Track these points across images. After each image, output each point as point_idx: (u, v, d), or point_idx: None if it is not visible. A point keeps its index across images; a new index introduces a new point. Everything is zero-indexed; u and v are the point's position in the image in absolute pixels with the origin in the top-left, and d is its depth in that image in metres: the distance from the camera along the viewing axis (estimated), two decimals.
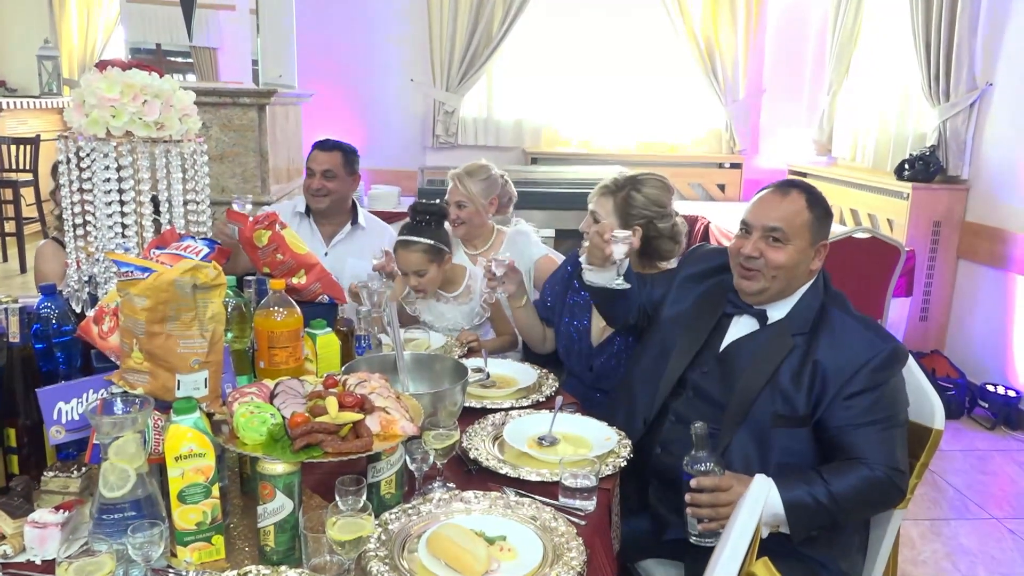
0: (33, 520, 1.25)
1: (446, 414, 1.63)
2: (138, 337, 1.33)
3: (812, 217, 1.79)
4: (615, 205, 2.26)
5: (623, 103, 6.15)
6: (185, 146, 1.71)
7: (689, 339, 1.92)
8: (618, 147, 6.19)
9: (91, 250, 1.66)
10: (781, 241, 1.78)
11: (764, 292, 1.83)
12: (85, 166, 1.63)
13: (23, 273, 6.03)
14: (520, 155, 6.13)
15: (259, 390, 1.42)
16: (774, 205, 1.81)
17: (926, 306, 4.64)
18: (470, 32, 5.75)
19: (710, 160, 6.25)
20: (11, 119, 7.10)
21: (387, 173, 5.83)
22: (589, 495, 1.51)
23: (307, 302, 2.01)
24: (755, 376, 1.76)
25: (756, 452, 1.74)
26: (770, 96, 6.17)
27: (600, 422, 1.85)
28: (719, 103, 6.08)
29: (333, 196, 3.01)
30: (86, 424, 1.39)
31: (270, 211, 2.02)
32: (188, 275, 1.32)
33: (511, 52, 5.95)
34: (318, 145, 3.07)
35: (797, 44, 6.11)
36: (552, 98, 6.10)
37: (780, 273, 1.79)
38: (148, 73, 1.67)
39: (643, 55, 6.08)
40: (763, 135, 6.26)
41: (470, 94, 5.96)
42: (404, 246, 2.51)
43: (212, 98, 3.47)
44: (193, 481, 1.24)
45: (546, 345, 2.48)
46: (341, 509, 1.25)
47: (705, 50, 5.97)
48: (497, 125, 6.09)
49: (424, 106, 5.95)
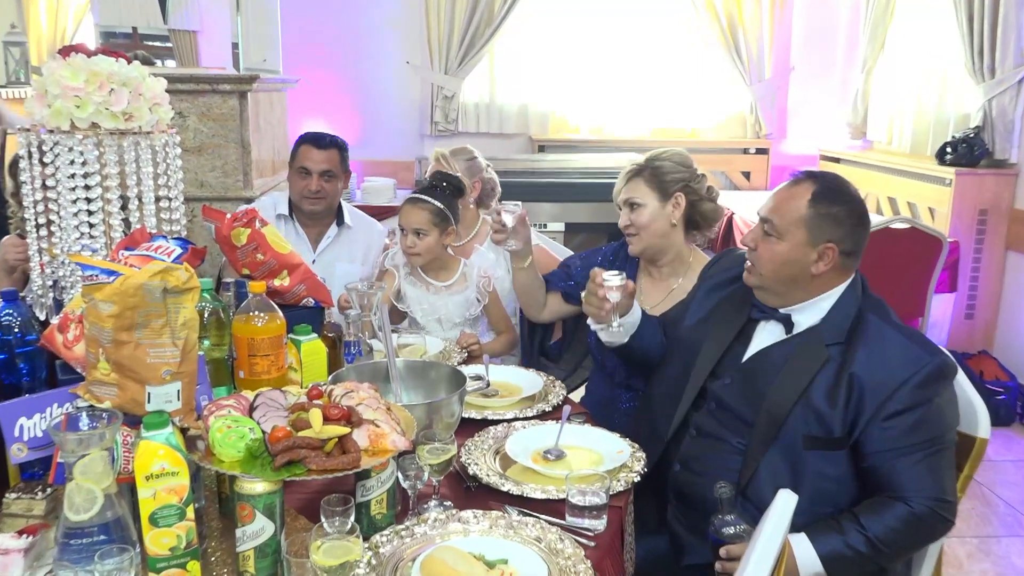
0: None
1: (442, 426, 1.63)
2: (104, 346, 1.33)
3: (811, 213, 1.76)
4: (646, 181, 2.31)
5: (637, 86, 6.14)
6: (156, 138, 1.71)
7: (711, 346, 1.91)
8: (632, 134, 6.18)
9: (55, 252, 1.67)
10: (772, 235, 1.78)
11: (764, 291, 1.83)
12: (48, 161, 1.64)
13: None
14: (526, 143, 6.13)
15: (237, 402, 1.42)
16: (779, 195, 1.82)
17: (972, 303, 4.61)
18: (470, 10, 5.75)
19: (734, 146, 6.24)
20: None
21: (382, 164, 5.84)
22: (599, 514, 1.51)
23: (291, 306, 2.01)
24: (785, 391, 1.74)
25: (787, 477, 1.72)
26: (799, 75, 6.15)
27: (611, 433, 1.85)
28: (743, 83, 6.07)
29: (330, 199, 2.97)
30: (50, 441, 1.39)
31: (250, 207, 2.03)
32: (158, 278, 1.32)
33: (515, 31, 5.94)
34: (312, 141, 2.96)
35: (828, 18, 6.09)
36: (560, 81, 6.10)
37: (767, 270, 1.79)
38: (115, 59, 1.68)
39: (659, 33, 6.07)
40: (791, 118, 6.24)
41: (471, 77, 5.97)
42: (412, 202, 2.59)
43: (189, 85, 3.48)
44: (166, 502, 1.24)
45: (544, 314, 2.51)
46: (327, 531, 1.25)
47: (727, 26, 5.95)
48: (501, 111, 6.09)
49: (421, 91, 5.95)
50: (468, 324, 2.65)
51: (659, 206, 2.30)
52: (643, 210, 2.30)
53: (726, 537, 1.60)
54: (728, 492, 1.62)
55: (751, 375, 1.83)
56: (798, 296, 1.80)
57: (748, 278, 1.84)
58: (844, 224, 1.77)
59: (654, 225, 2.30)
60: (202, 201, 3.20)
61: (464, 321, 2.64)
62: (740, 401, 1.83)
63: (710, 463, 1.82)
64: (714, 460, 1.82)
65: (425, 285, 2.64)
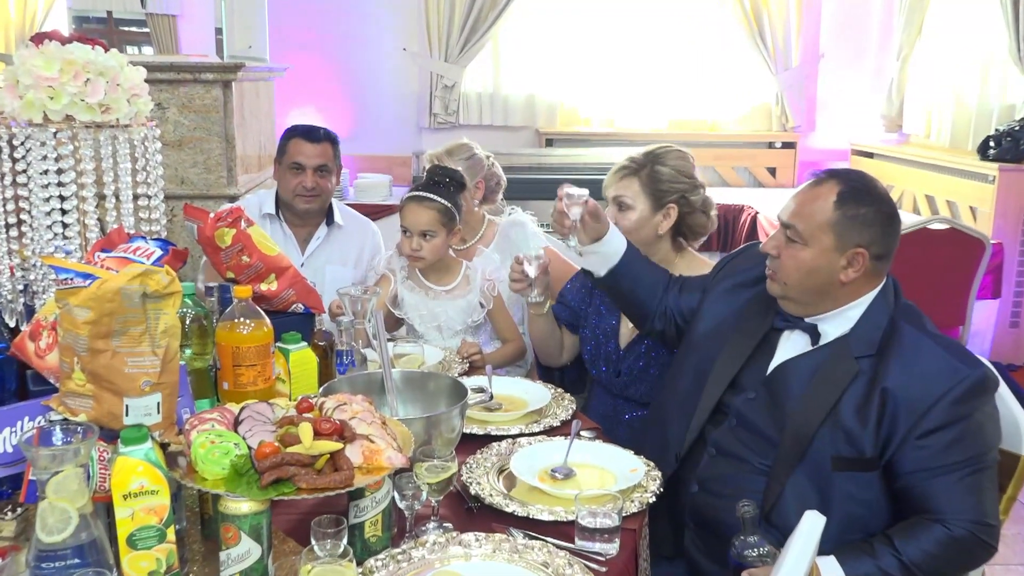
0: None
1: (442, 442, 1.64)
2: (79, 355, 1.35)
3: (839, 216, 1.75)
4: (642, 185, 2.31)
5: (653, 75, 6.16)
6: (135, 131, 1.73)
7: (730, 355, 1.91)
8: (647, 126, 6.20)
9: (26, 254, 1.69)
10: (796, 241, 1.78)
11: (788, 300, 1.83)
12: (19, 156, 1.65)
13: None
14: (532, 136, 6.16)
15: (222, 416, 1.43)
16: (800, 197, 1.81)
17: (1017, 310, 4.62)
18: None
19: (758, 139, 6.25)
20: None
21: (376, 160, 5.87)
22: (611, 537, 1.52)
23: (278, 312, 2.03)
24: (812, 409, 1.75)
25: (815, 500, 1.72)
26: (829, 63, 6.16)
27: (625, 451, 1.86)
28: (768, 72, 6.08)
29: (325, 196, 2.97)
30: (21, 457, 1.41)
31: (235, 206, 2.04)
32: (136, 282, 1.34)
33: (521, 16, 5.97)
34: (303, 135, 2.94)
35: (860, 1, 6.10)
36: (569, 70, 6.12)
37: (792, 279, 1.79)
38: (91, 47, 1.70)
39: (677, 17, 6.09)
40: (821, 109, 6.25)
41: (473, 65, 5.99)
42: (418, 201, 2.56)
43: (169, 75, 3.50)
44: (145, 523, 1.25)
45: (563, 355, 2.50)
46: (318, 555, 1.26)
47: (751, 10, 5.97)
48: (505, 102, 6.12)
49: (419, 80, 5.98)
50: (470, 332, 2.66)
51: (649, 214, 2.31)
52: (631, 213, 2.30)
53: (748, 560, 1.60)
54: (751, 511, 1.62)
55: (774, 390, 1.83)
56: (826, 305, 1.81)
57: (771, 287, 1.85)
58: (873, 226, 1.77)
59: (639, 232, 2.30)
60: (183, 199, 3.22)
61: (466, 328, 2.65)
62: (763, 418, 1.83)
63: (731, 485, 1.82)
64: (736, 481, 1.82)
65: (424, 290, 2.65)
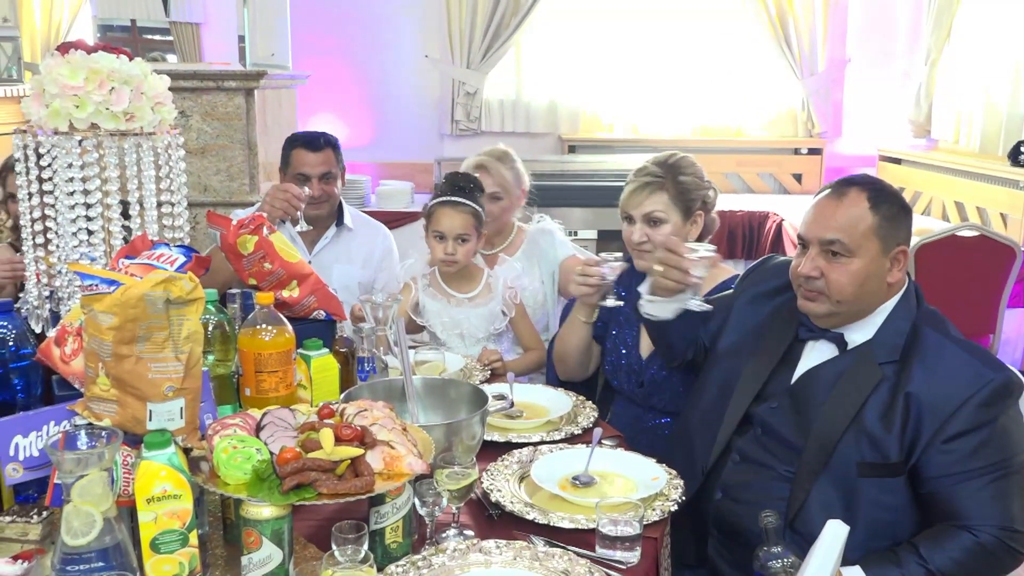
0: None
1: (463, 449, 1.65)
2: (104, 360, 1.37)
3: (879, 219, 1.76)
4: (670, 197, 2.30)
5: (677, 80, 6.15)
6: (158, 139, 1.76)
7: (755, 368, 1.91)
8: (671, 133, 6.18)
9: (52, 260, 1.72)
10: (843, 254, 1.76)
11: (833, 316, 1.81)
12: (45, 164, 1.68)
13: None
14: (555, 143, 6.16)
15: (244, 421, 1.45)
16: (829, 212, 1.78)
17: None
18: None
19: (784, 145, 6.22)
20: None
21: (398, 167, 5.90)
22: (632, 545, 1.52)
23: (300, 319, 2.05)
24: (835, 415, 1.75)
25: (840, 507, 1.72)
26: (856, 67, 6.12)
27: (647, 459, 1.86)
28: (794, 77, 6.06)
29: (332, 201, 3.02)
30: (47, 461, 1.44)
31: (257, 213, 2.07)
32: (160, 288, 1.36)
33: (544, 22, 5.98)
34: (305, 144, 2.97)
35: (887, 4, 6.07)
36: (592, 76, 6.12)
37: (847, 295, 1.77)
38: (116, 56, 1.73)
39: (701, 22, 6.08)
40: (847, 114, 6.21)
41: (495, 72, 6.01)
42: (452, 205, 2.57)
43: (192, 82, 3.55)
44: (168, 527, 1.27)
45: (590, 368, 2.50)
46: (339, 560, 1.28)
47: (776, 14, 5.95)
48: (527, 108, 6.13)
49: (441, 87, 6.00)
50: (493, 340, 2.67)
51: (681, 224, 2.30)
52: (664, 227, 2.28)
53: (772, 571, 1.60)
54: (775, 522, 1.62)
55: (799, 398, 1.83)
56: (868, 311, 1.81)
57: (813, 307, 1.81)
58: (904, 222, 1.80)
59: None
60: (205, 206, 3.26)
61: (488, 336, 2.66)
62: (788, 426, 1.83)
63: (755, 492, 1.83)
64: (760, 489, 1.83)
65: (446, 297, 2.67)
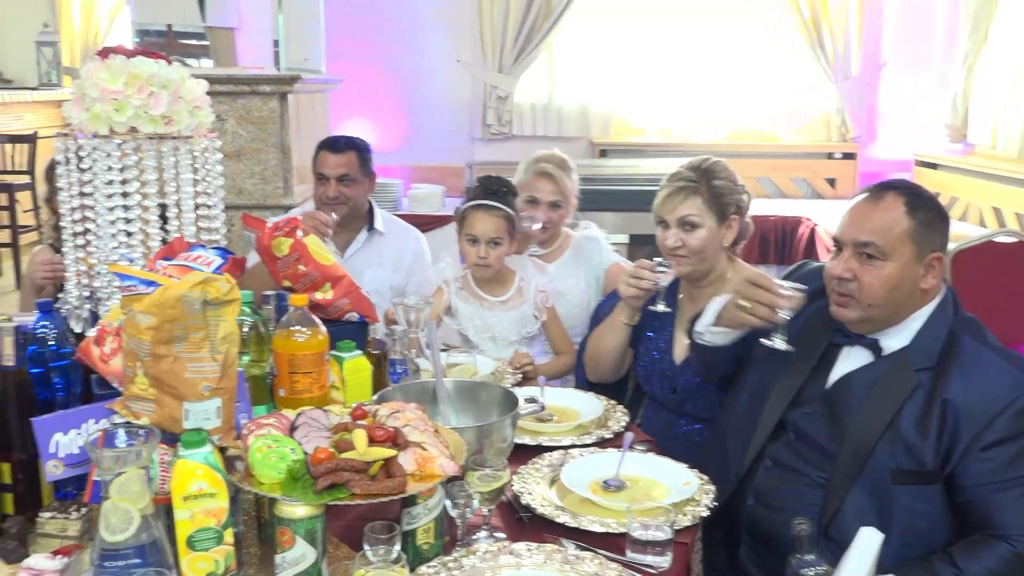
0: (28, 567, 1.32)
1: (494, 451, 1.66)
2: (142, 360, 1.39)
3: (914, 224, 1.75)
4: (705, 201, 2.29)
5: (709, 84, 6.13)
6: (196, 143, 1.78)
7: (790, 374, 1.91)
8: (704, 137, 6.17)
9: (92, 261, 1.75)
10: (876, 257, 1.76)
11: (866, 321, 1.80)
12: (86, 167, 1.71)
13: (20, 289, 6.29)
14: (586, 147, 6.16)
15: (278, 421, 1.47)
16: (865, 214, 1.79)
17: None
18: (527, 2, 5.81)
19: (817, 150, 6.18)
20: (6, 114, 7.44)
21: (429, 170, 5.93)
22: (662, 550, 1.52)
23: (333, 321, 2.06)
24: (870, 421, 1.74)
25: (875, 514, 1.71)
26: (891, 71, 6.07)
27: (678, 464, 1.86)
28: (828, 81, 6.02)
29: (352, 203, 3.07)
30: (86, 459, 1.46)
31: (292, 216, 2.09)
32: (197, 289, 1.38)
33: (575, 25, 5.99)
34: (327, 146, 3.09)
35: (924, 7, 6.01)
36: (624, 79, 6.12)
37: (878, 299, 1.76)
38: (155, 61, 1.76)
39: (733, 26, 6.06)
40: (882, 119, 6.16)
41: (527, 76, 6.02)
42: (485, 209, 2.60)
43: (228, 87, 3.59)
44: (203, 525, 1.29)
45: (621, 371, 2.50)
46: (371, 560, 1.29)
47: (810, 18, 5.92)
48: (559, 112, 6.14)
49: (472, 91, 6.03)
50: (525, 343, 2.68)
51: (716, 229, 2.29)
52: (699, 232, 2.28)
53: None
54: (808, 529, 1.61)
55: (833, 404, 1.82)
56: (901, 317, 1.80)
57: (845, 312, 1.81)
58: (940, 228, 1.79)
59: (709, 249, 2.30)
60: (240, 209, 3.30)
61: (520, 340, 2.67)
62: (821, 432, 1.82)
63: (788, 498, 1.82)
64: (792, 495, 1.82)
65: (479, 300, 2.68)
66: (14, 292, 6.23)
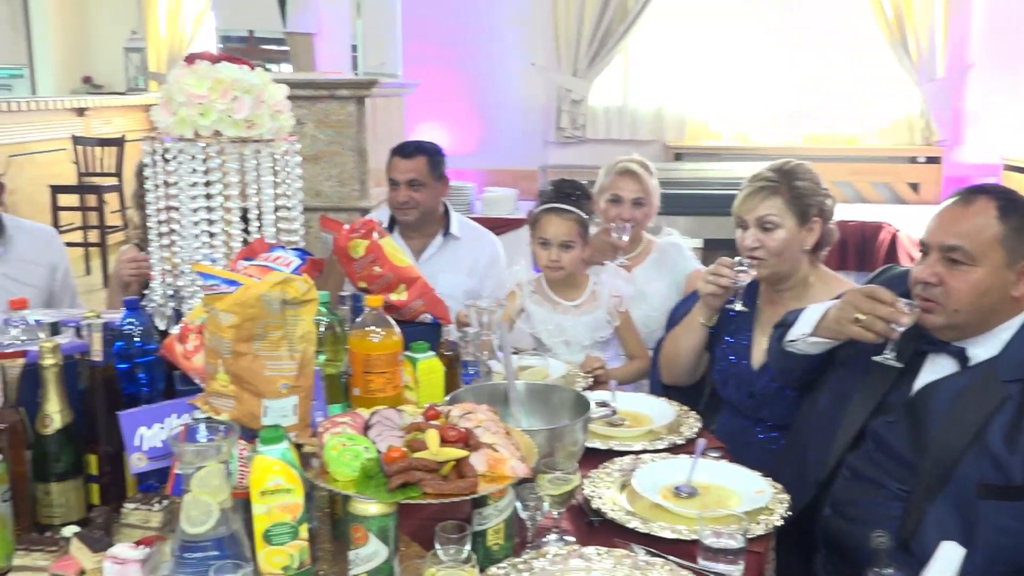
0: (113, 555, 1.36)
1: (565, 455, 1.66)
2: (223, 358, 1.43)
3: (1006, 229, 1.70)
4: (785, 202, 2.26)
5: (787, 87, 6.04)
6: (276, 146, 1.82)
7: (873, 381, 1.86)
8: (781, 140, 6.08)
9: (176, 261, 1.80)
10: (964, 262, 1.71)
11: (951, 328, 1.75)
12: (171, 169, 1.77)
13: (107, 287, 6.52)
14: (660, 150, 6.12)
15: (353, 420, 1.49)
16: (954, 218, 1.74)
17: None
18: (602, 6, 5.81)
19: (900, 154, 6.04)
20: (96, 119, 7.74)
21: (503, 173, 5.96)
22: (735, 559, 1.50)
23: (407, 322, 2.09)
24: (956, 432, 1.70)
25: (959, 530, 1.66)
26: (979, 72, 5.90)
27: (752, 472, 1.83)
28: (911, 83, 5.87)
29: (423, 208, 3.11)
30: (168, 452, 1.51)
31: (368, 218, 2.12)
32: (277, 289, 1.41)
33: (650, 28, 5.96)
34: (398, 151, 3.14)
35: (1013, 5, 5.82)
36: (700, 82, 6.07)
37: (964, 304, 1.71)
38: (239, 66, 1.80)
39: (812, 27, 5.95)
40: (969, 121, 5.99)
41: (601, 79, 6.01)
42: (557, 213, 2.62)
43: (307, 91, 3.66)
44: (279, 520, 1.32)
45: (697, 374, 2.48)
46: (441, 559, 1.30)
47: (893, 18, 5.78)
48: (633, 115, 6.12)
49: (546, 94, 6.04)
50: (598, 347, 2.68)
51: (796, 231, 2.25)
52: (778, 232, 2.24)
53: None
54: (886, 542, 1.57)
55: (917, 413, 1.78)
56: (989, 325, 1.75)
57: (930, 318, 1.75)
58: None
59: (788, 251, 2.25)
60: (317, 211, 3.36)
61: (593, 344, 2.67)
62: (903, 442, 1.78)
63: (867, 509, 1.78)
64: (872, 506, 1.78)
65: (552, 304, 2.69)
66: (101, 290, 6.45)
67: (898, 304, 1.75)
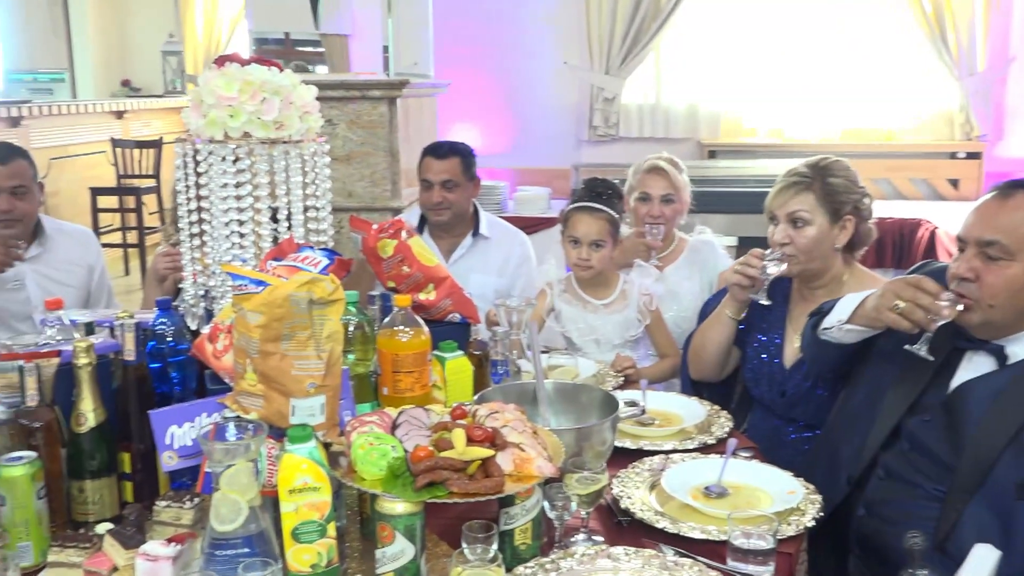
0: (145, 552, 1.39)
1: (593, 454, 1.65)
2: (252, 357, 1.45)
3: None
4: (817, 199, 2.24)
5: (823, 81, 5.98)
6: (305, 147, 1.84)
7: (908, 378, 1.84)
8: (817, 136, 6.02)
9: (207, 262, 1.82)
10: (1001, 257, 1.68)
11: (988, 325, 1.72)
12: (202, 171, 1.79)
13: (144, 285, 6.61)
14: (694, 148, 6.09)
15: (380, 419, 1.50)
16: (992, 212, 1.71)
17: None
18: (634, 4, 5.78)
19: (939, 150, 5.95)
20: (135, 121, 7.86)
21: (535, 172, 5.96)
22: (765, 560, 1.48)
23: (436, 321, 2.10)
24: (994, 432, 1.67)
25: (996, 530, 1.64)
26: (1020, 66, 5.79)
27: (783, 472, 1.82)
28: (951, 77, 5.79)
29: (455, 208, 3.12)
30: (199, 451, 1.53)
31: (396, 218, 2.13)
32: (304, 289, 1.43)
33: (683, 25, 5.93)
34: (431, 152, 3.14)
35: None
36: (733, 79, 6.02)
37: (1000, 300, 1.68)
38: (268, 68, 1.82)
39: (849, 20, 5.89)
40: (1011, 116, 5.89)
41: (634, 77, 5.99)
42: (588, 211, 2.62)
43: (339, 92, 3.69)
44: (307, 518, 1.33)
45: (725, 370, 2.47)
46: (468, 558, 1.30)
47: (932, 11, 5.69)
48: (667, 113, 6.09)
49: (579, 93, 6.03)
50: (628, 346, 2.67)
51: (827, 228, 2.23)
52: (808, 229, 2.22)
53: None
54: (921, 543, 1.55)
55: (953, 412, 1.75)
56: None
57: (967, 317, 1.72)
58: None
59: (818, 248, 2.23)
60: (349, 211, 3.38)
61: (624, 343, 2.66)
62: (939, 441, 1.76)
63: (902, 510, 1.76)
64: (907, 507, 1.76)
65: (582, 303, 2.69)
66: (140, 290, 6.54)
67: (942, 296, 1.71)
